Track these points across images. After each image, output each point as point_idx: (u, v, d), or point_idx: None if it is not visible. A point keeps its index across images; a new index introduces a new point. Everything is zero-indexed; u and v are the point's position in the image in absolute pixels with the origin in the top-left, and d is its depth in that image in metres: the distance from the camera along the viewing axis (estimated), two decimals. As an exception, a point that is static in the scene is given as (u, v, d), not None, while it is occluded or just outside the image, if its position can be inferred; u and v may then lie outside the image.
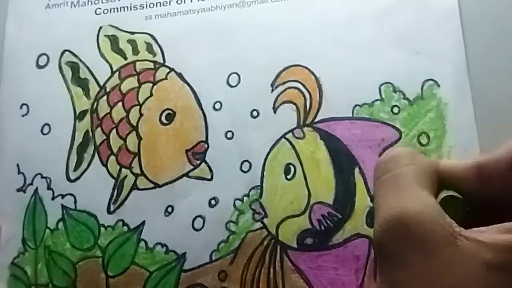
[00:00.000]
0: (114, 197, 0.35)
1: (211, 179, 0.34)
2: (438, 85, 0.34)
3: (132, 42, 0.37)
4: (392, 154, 0.26)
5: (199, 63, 0.36)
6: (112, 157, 0.36)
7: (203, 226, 0.34)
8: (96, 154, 0.36)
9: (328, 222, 0.33)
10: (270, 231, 0.33)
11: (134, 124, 0.36)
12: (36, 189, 0.36)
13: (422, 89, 0.34)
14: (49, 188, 0.36)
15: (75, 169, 0.36)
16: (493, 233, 0.21)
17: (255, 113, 0.35)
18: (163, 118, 0.36)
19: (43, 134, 0.37)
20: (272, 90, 0.35)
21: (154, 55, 0.37)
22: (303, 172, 0.34)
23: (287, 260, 0.33)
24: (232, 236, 0.33)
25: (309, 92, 0.35)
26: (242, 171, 0.34)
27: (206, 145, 0.35)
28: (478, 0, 0.36)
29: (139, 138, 0.36)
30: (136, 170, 0.36)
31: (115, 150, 0.36)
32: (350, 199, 0.33)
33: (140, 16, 0.38)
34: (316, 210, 0.33)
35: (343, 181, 0.33)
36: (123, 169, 0.36)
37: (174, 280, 0.34)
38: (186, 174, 0.35)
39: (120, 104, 0.36)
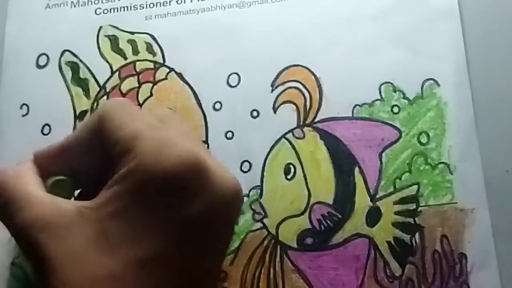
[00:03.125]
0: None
1: (211, 179, 0.34)
2: (438, 85, 0.34)
3: (132, 42, 0.37)
4: None
5: (199, 63, 0.36)
6: (112, 157, 0.36)
7: (203, 226, 0.34)
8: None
9: (328, 222, 0.33)
10: (270, 231, 0.33)
11: (134, 124, 0.36)
12: (36, 189, 0.36)
13: (422, 88, 0.34)
14: (49, 188, 0.36)
15: (75, 169, 0.36)
16: (100, 195, 0.23)
17: (255, 113, 0.35)
18: (163, 118, 0.36)
19: (43, 134, 0.37)
20: (272, 90, 0.35)
21: (154, 55, 0.37)
22: (303, 172, 0.34)
23: (287, 260, 0.33)
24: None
25: (309, 92, 0.35)
26: (242, 171, 0.34)
27: (206, 145, 0.35)
28: (478, 0, 0.36)
29: (139, 138, 0.36)
30: (136, 170, 0.35)
31: (115, 150, 0.36)
32: (350, 199, 0.33)
33: (140, 16, 0.38)
34: (316, 210, 0.33)
35: (343, 181, 0.33)
36: (123, 169, 0.36)
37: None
38: (186, 174, 0.35)
39: (120, 104, 0.36)
